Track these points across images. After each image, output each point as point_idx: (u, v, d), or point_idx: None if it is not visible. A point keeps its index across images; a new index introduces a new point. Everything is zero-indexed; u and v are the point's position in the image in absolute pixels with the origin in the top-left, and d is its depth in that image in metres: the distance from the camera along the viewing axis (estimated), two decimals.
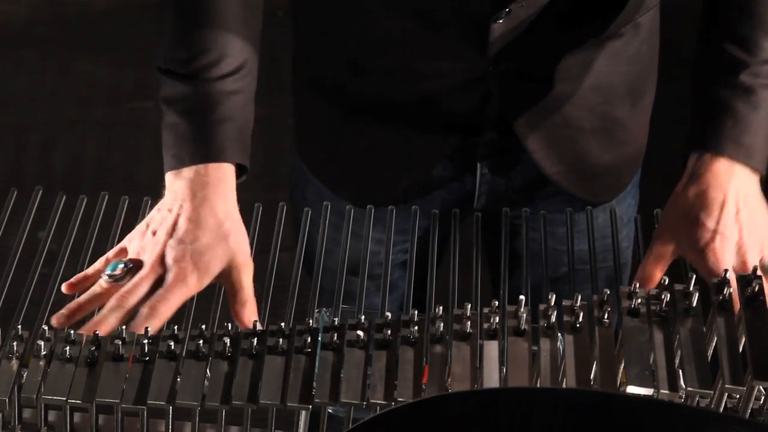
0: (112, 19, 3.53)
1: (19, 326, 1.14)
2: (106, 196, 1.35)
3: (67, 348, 1.11)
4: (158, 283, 1.19)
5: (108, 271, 1.20)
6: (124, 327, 1.13)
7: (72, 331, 1.14)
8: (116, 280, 1.20)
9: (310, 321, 1.16)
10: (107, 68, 3.35)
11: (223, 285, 1.23)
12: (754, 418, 1.13)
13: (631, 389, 1.09)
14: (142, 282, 1.19)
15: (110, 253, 1.23)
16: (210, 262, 1.20)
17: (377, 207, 1.36)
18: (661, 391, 1.09)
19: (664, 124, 1.54)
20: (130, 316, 1.18)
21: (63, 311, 1.18)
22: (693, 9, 1.41)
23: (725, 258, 1.25)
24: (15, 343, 1.12)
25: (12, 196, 1.33)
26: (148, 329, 1.13)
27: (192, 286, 1.19)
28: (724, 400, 1.11)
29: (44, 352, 1.11)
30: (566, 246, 1.34)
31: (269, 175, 2.39)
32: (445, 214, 1.38)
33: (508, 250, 1.32)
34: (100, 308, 1.19)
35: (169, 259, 1.20)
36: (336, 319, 1.16)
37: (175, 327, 1.14)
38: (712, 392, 1.10)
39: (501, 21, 1.30)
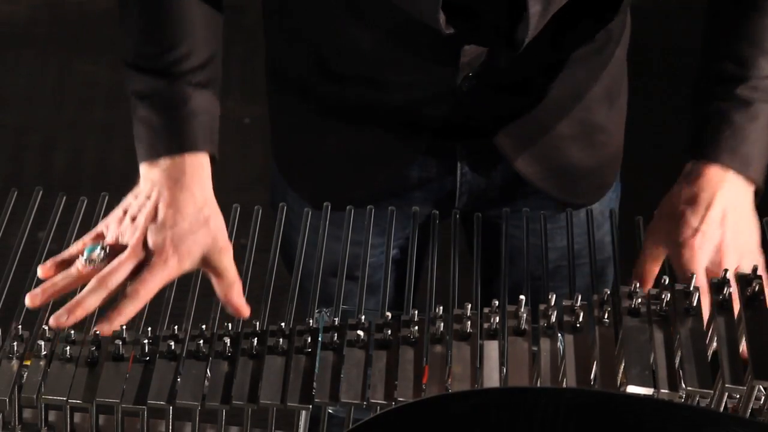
0: (112, 19, 3.51)
1: (19, 326, 1.15)
2: (107, 197, 1.35)
3: (68, 348, 1.11)
4: (138, 267, 1.21)
5: (86, 255, 1.21)
6: (124, 327, 1.14)
7: (72, 331, 1.14)
8: (94, 264, 1.21)
9: (310, 321, 1.16)
10: (107, 68, 3.34)
11: (207, 271, 1.25)
12: (754, 418, 1.13)
13: (631, 389, 1.09)
14: (123, 265, 1.20)
15: (86, 237, 1.25)
16: (191, 247, 1.22)
17: (357, 209, 1.36)
18: (661, 391, 1.09)
19: (637, 120, 1.54)
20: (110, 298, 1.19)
21: (36, 290, 1.19)
22: (659, 6, 1.40)
23: (701, 256, 1.25)
24: (15, 343, 1.12)
25: (12, 196, 1.33)
26: (149, 330, 1.13)
27: (173, 269, 1.21)
28: (724, 400, 1.11)
29: (44, 352, 1.11)
30: (548, 244, 1.34)
31: (268, 176, 2.38)
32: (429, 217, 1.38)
33: (508, 250, 1.32)
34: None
35: (151, 244, 1.22)
36: (336, 319, 1.16)
37: (175, 327, 1.14)
38: (712, 392, 1.10)
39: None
